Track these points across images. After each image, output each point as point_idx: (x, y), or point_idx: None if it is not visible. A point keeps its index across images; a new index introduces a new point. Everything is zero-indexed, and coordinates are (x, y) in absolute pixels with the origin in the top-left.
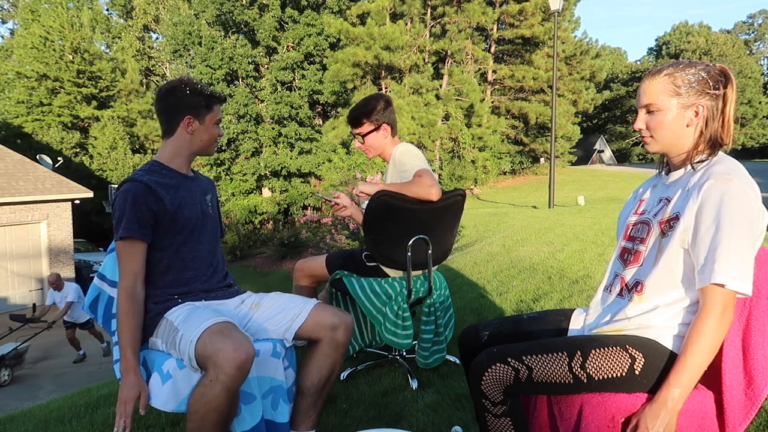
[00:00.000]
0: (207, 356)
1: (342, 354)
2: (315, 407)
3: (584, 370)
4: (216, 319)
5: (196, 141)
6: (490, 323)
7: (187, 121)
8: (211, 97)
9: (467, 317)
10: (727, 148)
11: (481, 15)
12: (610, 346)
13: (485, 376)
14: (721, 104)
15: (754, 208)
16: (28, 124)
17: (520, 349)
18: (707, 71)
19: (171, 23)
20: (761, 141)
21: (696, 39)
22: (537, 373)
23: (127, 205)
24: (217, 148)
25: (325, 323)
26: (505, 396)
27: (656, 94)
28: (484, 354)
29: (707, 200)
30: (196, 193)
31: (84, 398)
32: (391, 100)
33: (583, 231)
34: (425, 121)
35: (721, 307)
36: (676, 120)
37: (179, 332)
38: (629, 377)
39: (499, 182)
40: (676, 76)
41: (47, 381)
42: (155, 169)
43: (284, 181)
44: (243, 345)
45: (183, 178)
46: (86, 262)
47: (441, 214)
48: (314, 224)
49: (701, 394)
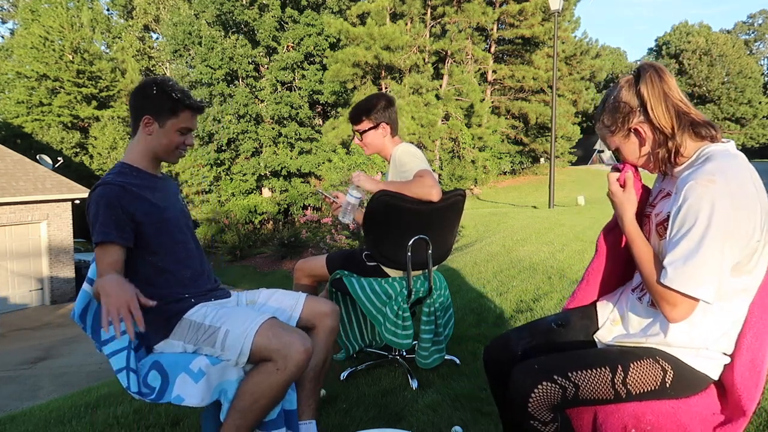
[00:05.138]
0: (273, 349)
1: (333, 338)
2: (313, 395)
3: (625, 385)
4: (265, 315)
5: (154, 144)
6: (520, 336)
7: (146, 120)
8: (178, 102)
9: (467, 317)
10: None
11: (481, 15)
12: (644, 359)
13: (532, 396)
14: (641, 103)
15: (738, 209)
16: (28, 124)
17: (564, 366)
18: (617, 92)
19: (171, 23)
20: (761, 141)
21: (696, 39)
22: (583, 390)
23: (101, 209)
24: (181, 156)
25: (320, 310)
26: (554, 413)
27: (606, 142)
28: (525, 372)
29: (685, 201)
30: (170, 193)
31: (84, 398)
32: (394, 100)
33: (583, 231)
34: (425, 121)
35: (672, 306)
36: (632, 149)
37: (221, 329)
38: (661, 389)
39: (499, 182)
40: (603, 119)
41: (47, 381)
42: (125, 171)
43: (284, 181)
44: (308, 339)
45: (154, 178)
46: (86, 262)
47: (441, 214)
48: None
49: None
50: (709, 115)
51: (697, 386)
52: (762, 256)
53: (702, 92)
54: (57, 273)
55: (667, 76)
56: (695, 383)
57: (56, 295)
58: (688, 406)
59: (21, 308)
